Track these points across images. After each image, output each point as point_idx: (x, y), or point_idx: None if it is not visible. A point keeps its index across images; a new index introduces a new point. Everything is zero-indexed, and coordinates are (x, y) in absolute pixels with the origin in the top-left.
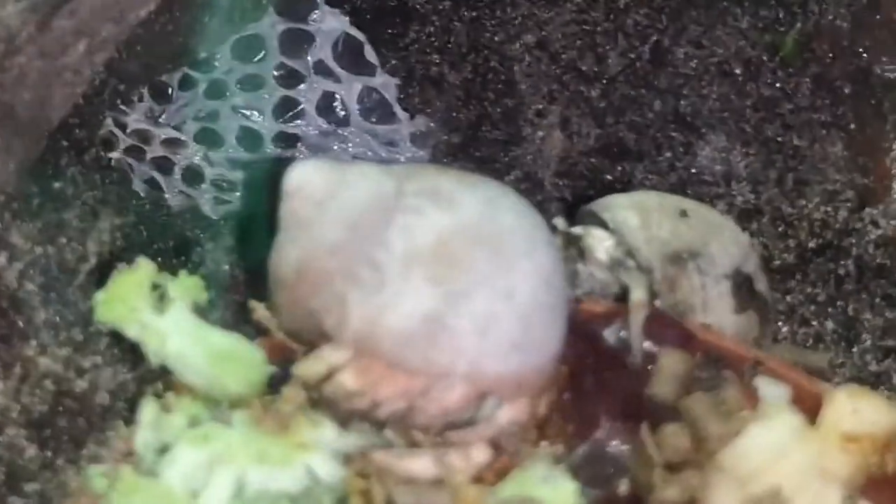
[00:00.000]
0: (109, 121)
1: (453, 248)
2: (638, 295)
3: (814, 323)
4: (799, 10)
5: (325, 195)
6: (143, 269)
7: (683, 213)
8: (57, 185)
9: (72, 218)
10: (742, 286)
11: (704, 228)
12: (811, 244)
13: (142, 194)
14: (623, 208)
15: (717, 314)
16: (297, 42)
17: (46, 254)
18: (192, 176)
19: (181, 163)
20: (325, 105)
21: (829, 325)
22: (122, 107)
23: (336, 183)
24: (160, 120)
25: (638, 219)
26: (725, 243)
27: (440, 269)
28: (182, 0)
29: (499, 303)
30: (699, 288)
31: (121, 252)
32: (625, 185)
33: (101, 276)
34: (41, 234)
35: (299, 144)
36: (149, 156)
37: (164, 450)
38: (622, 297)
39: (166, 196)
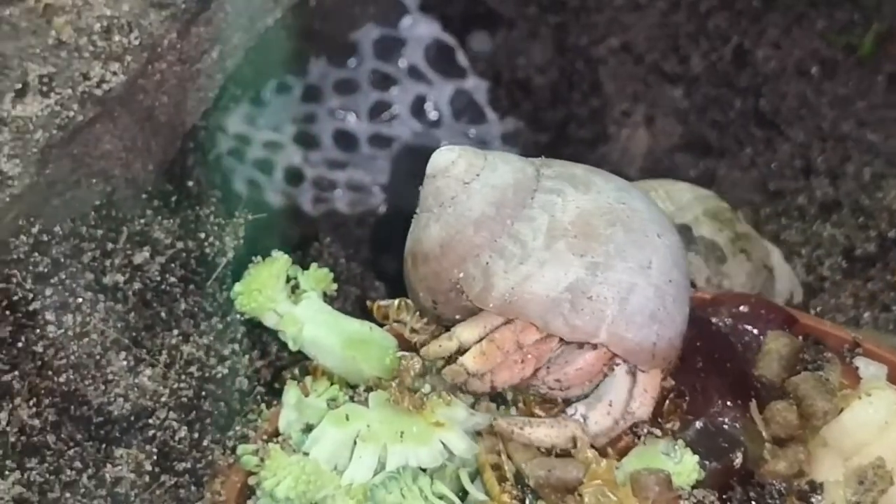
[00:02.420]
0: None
1: (593, 223)
2: None
3: (894, 308)
4: (875, 12)
5: (469, 175)
6: (280, 262)
7: None
8: (190, 183)
9: (208, 214)
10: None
11: None
12: (891, 234)
13: (243, 194)
14: None
15: None
16: (390, 47)
17: (186, 248)
18: (292, 176)
19: (281, 163)
20: (418, 107)
21: None
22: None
23: (479, 165)
24: (258, 122)
25: None
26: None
27: (582, 242)
28: (296, 7)
29: (637, 275)
30: None
31: (252, 246)
32: (708, 181)
33: (235, 267)
34: (181, 229)
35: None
36: (250, 157)
37: (307, 430)
38: None
39: (267, 195)
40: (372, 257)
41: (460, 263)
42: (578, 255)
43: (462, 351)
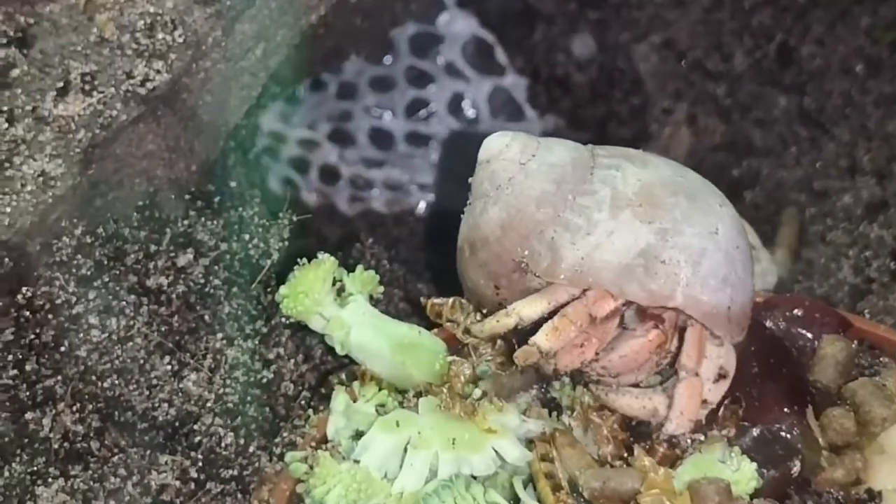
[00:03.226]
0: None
1: (657, 193)
2: None
3: None
4: None
5: (525, 156)
6: (326, 264)
7: None
8: (232, 184)
9: (252, 215)
10: None
11: None
12: None
13: (280, 193)
14: None
15: None
16: (427, 44)
17: (231, 250)
18: (328, 174)
19: (317, 162)
20: (455, 105)
21: None
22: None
23: (533, 147)
24: (293, 120)
25: None
26: None
27: (648, 210)
28: (337, 5)
29: (706, 240)
30: None
31: (290, 247)
32: (752, 181)
33: (278, 269)
34: (224, 230)
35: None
36: (284, 155)
37: (356, 436)
38: None
39: (304, 194)
40: (414, 258)
41: (524, 241)
42: (646, 222)
43: (519, 329)
